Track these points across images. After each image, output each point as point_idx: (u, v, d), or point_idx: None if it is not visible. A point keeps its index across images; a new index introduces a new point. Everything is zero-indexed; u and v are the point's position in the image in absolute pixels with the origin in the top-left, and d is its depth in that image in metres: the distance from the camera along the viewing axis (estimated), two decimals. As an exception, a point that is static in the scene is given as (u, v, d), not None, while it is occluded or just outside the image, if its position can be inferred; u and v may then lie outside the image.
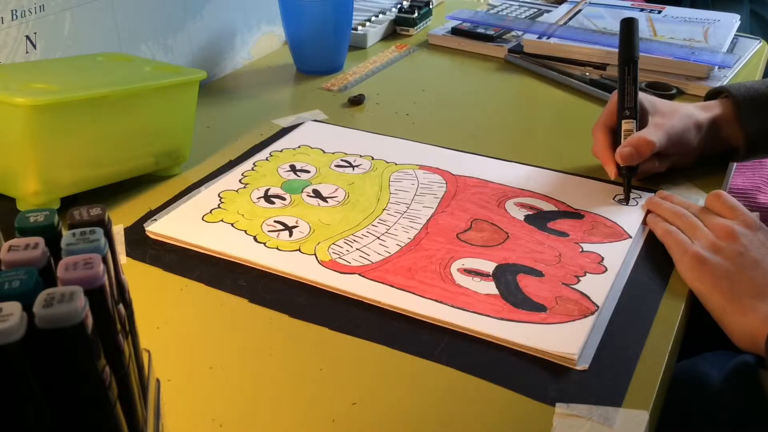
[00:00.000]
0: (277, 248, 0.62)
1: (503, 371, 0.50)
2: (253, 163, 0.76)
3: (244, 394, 0.49)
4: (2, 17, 0.69)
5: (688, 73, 0.97)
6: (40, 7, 0.73)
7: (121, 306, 0.32)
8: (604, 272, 0.60)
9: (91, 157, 0.66)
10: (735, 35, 1.11)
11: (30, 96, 0.59)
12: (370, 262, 0.60)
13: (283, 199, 0.70)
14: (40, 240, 0.29)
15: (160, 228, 0.64)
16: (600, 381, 0.50)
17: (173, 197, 0.71)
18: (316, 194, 0.71)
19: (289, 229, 0.65)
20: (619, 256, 0.62)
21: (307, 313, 0.56)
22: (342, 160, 0.77)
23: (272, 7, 1.02)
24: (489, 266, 0.60)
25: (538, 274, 0.60)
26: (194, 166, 0.77)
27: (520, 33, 1.11)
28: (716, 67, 0.98)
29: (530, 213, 0.68)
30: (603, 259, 0.61)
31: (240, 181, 0.73)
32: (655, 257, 0.63)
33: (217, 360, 0.52)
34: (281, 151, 0.78)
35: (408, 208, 0.69)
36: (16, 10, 0.70)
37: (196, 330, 0.55)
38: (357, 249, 0.62)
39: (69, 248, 0.29)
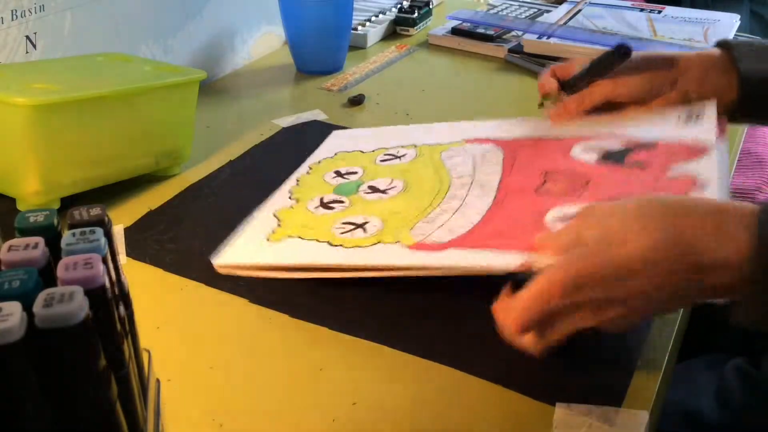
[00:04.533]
0: (358, 246, 0.58)
1: (503, 371, 0.50)
2: (296, 179, 0.71)
3: (244, 394, 0.49)
4: (2, 17, 0.69)
5: (688, 73, 0.97)
6: (40, 7, 0.73)
7: (121, 306, 0.32)
8: (705, 187, 0.55)
9: (91, 157, 0.66)
10: (735, 35, 1.11)
11: (30, 96, 0.59)
12: (458, 235, 0.56)
13: (342, 202, 0.65)
14: (40, 240, 0.29)
15: (227, 259, 0.60)
16: (600, 381, 0.50)
17: (173, 197, 0.71)
18: (374, 190, 0.66)
19: (361, 226, 0.61)
20: (711, 169, 0.57)
21: (307, 313, 0.56)
22: (386, 155, 0.73)
23: (272, 7, 1.02)
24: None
25: None
26: (194, 166, 0.77)
27: (520, 33, 1.11)
28: (716, 67, 0.98)
29: (601, 153, 0.63)
30: (697, 176, 0.57)
31: (289, 197, 0.68)
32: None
33: (217, 360, 0.52)
34: (319, 162, 0.74)
35: (473, 179, 0.64)
36: (16, 10, 0.70)
37: (196, 330, 0.55)
38: (439, 227, 0.58)
39: (69, 248, 0.29)
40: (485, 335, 0.54)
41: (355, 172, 0.71)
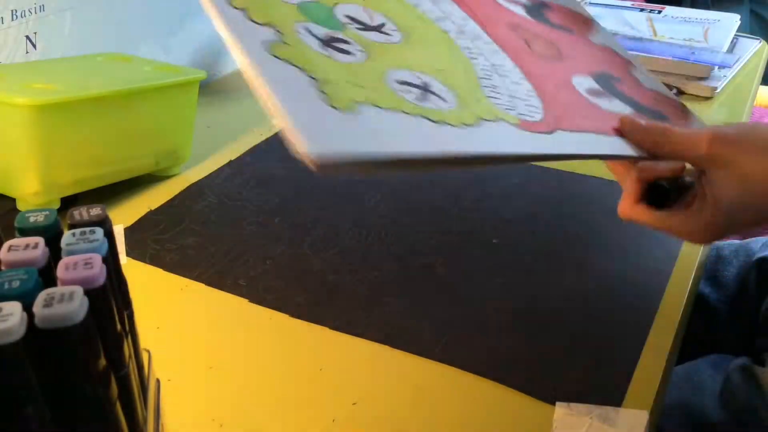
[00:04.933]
0: (463, 125, 0.41)
1: (503, 370, 0.50)
2: None
3: (244, 394, 0.49)
4: (2, 17, 0.69)
5: (688, 73, 0.97)
6: (40, 7, 0.73)
7: (121, 306, 0.32)
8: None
9: (91, 157, 0.66)
10: (735, 35, 1.11)
11: (30, 96, 0.59)
12: (542, 111, 0.47)
13: (346, 42, 0.45)
14: (40, 240, 0.29)
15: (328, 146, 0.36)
16: (600, 381, 0.50)
17: (173, 197, 0.71)
18: (362, 26, 0.47)
19: (428, 90, 0.43)
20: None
21: (307, 313, 0.56)
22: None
23: (272, 7, 1.02)
24: (591, 81, 0.52)
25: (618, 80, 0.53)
26: (194, 166, 0.76)
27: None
28: (716, 67, 0.98)
29: (520, 4, 0.57)
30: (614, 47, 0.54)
31: (250, 20, 0.45)
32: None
33: (217, 360, 0.52)
34: None
35: (452, 21, 0.51)
36: (16, 10, 0.70)
37: (196, 330, 0.55)
38: (511, 97, 0.47)
39: (69, 248, 0.29)
40: (485, 335, 0.54)
41: None
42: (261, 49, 0.41)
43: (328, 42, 0.44)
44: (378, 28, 0.48)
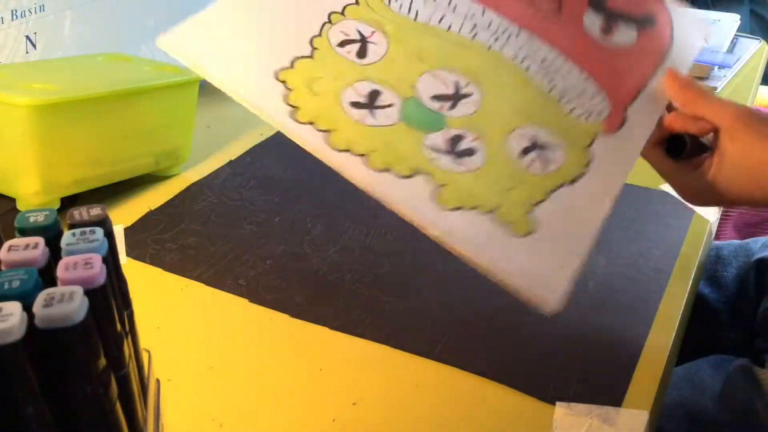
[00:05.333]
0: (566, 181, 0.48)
1: (503, 370, 0.50)
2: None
3: (244, 394, 0.49)
4: (2, 17, 0.69)
5: (688, 73, 0.97)
6: (40, 7, 0.73)
7: (121, 306, 0.32)
8: None
9: (91, 157, 0.66)
10: (735, 35, 1.11)
11: (30, 96, 0.59)
12: (608, 109, 0.52)
13: (460, 137, 0.48)
14: (40, 240, 0.29)
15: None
16: (600, 381, 0.50)
17: (173, 197, 0.71)
18: (448, 99, 0.49)
19: (540, 147, 0.49)
20: None
21: (307, 313, 0.56)
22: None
23: (272, 7, 1.02)
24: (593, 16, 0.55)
25: None
26: (194, 165, 0.76)
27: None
28: (716, 67, 0.98)
29: None
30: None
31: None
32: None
33: (217, 360, 0.52)
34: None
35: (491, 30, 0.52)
36: (16, 10, 0.70)
37: (196, 330, 0.55)
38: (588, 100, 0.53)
39: (69, 248, 0.29)
40: (485, 334, 0.54)
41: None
42: (429, 201, 0.44)
43: (456, 153, 0.47)
44: (460, 97, 0.50)
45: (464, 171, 0.46)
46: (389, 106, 0.48)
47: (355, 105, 0.47)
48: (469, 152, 0.47)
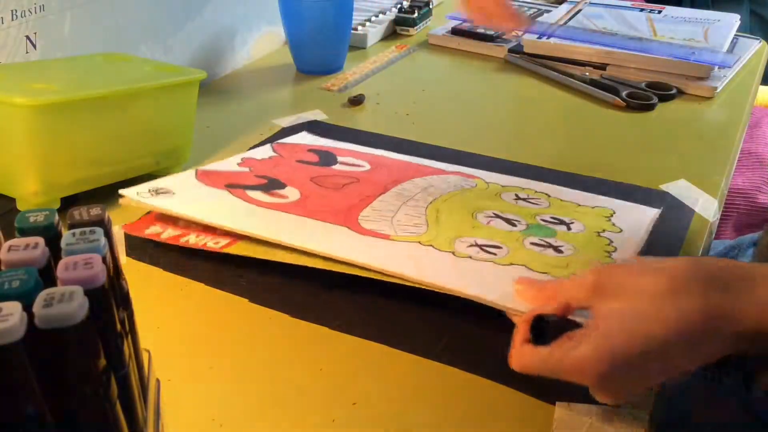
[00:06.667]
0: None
1: (503, 369, 0.50)
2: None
3: (244, 394, 0.49)
4: (2, 17, 0.69)
5: (688, 73, 0.97)
6: (40, 7, 0.73)
7: (121, 306, 0.32)
8: None
9: (91, 157, 0.66)
10: (735, 35, 1.11)
11: (30, 96, 0.59)
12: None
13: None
14: (40, 240, 0.29)
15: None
16: (600, 381, 0.50)
17: (173, 197, 0.71)
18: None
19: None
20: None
21: (307, 313, 0.56)
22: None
23: (272, 7, 1.02)
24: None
25: None
26: (194, 166, 0.76)
27: (520, 33, 1.11)
28: (716, 67, 0.98)
29: None
30: None
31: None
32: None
33: (217, 360, 0.52)
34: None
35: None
36: (16, 10, 0.70)
37: (196, 330, 0.55)
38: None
39: (69, 248, 0.29)
40: (485, 334, 0.54)
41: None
42: None
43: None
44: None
45: None
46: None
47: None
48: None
